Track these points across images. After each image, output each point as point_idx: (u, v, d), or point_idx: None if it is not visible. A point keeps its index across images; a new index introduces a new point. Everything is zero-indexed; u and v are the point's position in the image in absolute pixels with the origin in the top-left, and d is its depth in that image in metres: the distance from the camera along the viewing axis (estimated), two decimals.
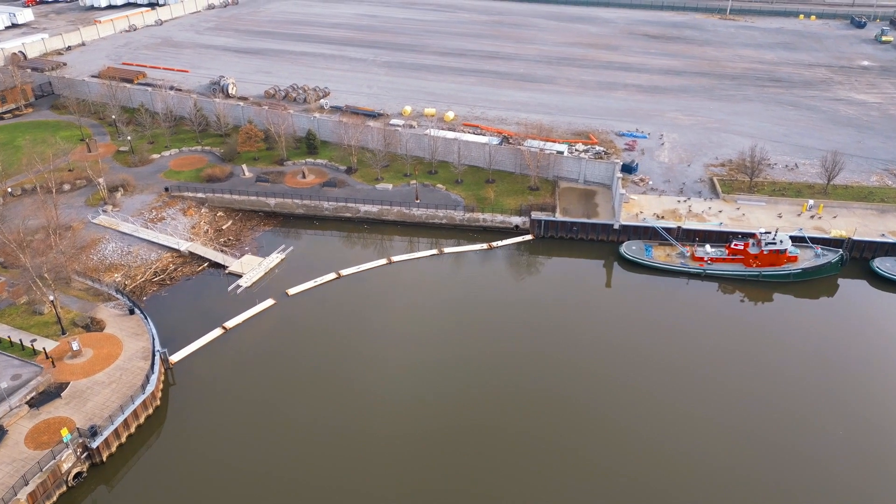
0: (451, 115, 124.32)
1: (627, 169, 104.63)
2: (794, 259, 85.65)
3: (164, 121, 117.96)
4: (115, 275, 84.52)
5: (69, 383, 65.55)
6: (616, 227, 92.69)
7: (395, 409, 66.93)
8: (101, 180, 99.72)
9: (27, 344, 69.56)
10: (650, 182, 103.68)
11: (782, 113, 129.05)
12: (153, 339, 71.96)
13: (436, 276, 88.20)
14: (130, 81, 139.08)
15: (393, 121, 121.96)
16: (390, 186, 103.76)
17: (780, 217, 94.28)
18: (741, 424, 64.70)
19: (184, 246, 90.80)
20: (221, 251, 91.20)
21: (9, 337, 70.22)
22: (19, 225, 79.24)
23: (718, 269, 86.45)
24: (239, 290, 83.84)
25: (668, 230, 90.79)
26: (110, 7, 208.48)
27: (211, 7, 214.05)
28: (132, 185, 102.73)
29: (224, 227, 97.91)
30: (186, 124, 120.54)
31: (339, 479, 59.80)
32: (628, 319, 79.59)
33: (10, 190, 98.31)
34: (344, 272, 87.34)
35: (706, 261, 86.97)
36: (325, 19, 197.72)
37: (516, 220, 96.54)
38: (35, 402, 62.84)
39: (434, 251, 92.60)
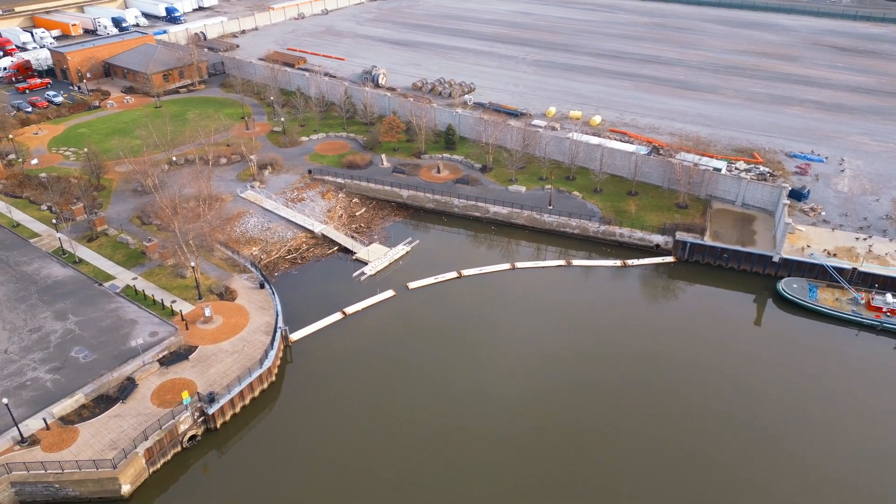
0: (597, 119, 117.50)
1: (796, 195, 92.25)
2: None
3: (315, 105, 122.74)
4: (254, 248, 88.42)
5: (197, 347, 68.92)
6: (776, 259, 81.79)
7: (508, 410, 64.40)
8: (253, 157, 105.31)
9: (167, 304, 74.33)
10: (823, 213, 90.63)
11: None
12: (277, 314, 73.92)
13: (560, 288, 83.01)
14: (291, 66, 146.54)
15: (535, 121, 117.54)
16: (523, 189, 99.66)
17: None
18: None
19: (318, 228, 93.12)
20: (352, 237, 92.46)
21: (153, 295, 75.45)
22: (176, 192, 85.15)
23: None
24: (363, 278, 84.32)
25: (839, 270, 78.60)
26: None
27: None
28: (280, 165, 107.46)
29: (357, 214, 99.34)
30: (336, 110, 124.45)
31: (441, 475, 58.15)
32: (780, 366, 69.54)
33: (174, 158, 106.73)
34: (465, 272, 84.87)
35: (885, 312, 73.99)
36: (480, 15, 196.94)
37: (658, 238, 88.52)
38: (165, 361, 66.66)
39: (562, 262, 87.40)
